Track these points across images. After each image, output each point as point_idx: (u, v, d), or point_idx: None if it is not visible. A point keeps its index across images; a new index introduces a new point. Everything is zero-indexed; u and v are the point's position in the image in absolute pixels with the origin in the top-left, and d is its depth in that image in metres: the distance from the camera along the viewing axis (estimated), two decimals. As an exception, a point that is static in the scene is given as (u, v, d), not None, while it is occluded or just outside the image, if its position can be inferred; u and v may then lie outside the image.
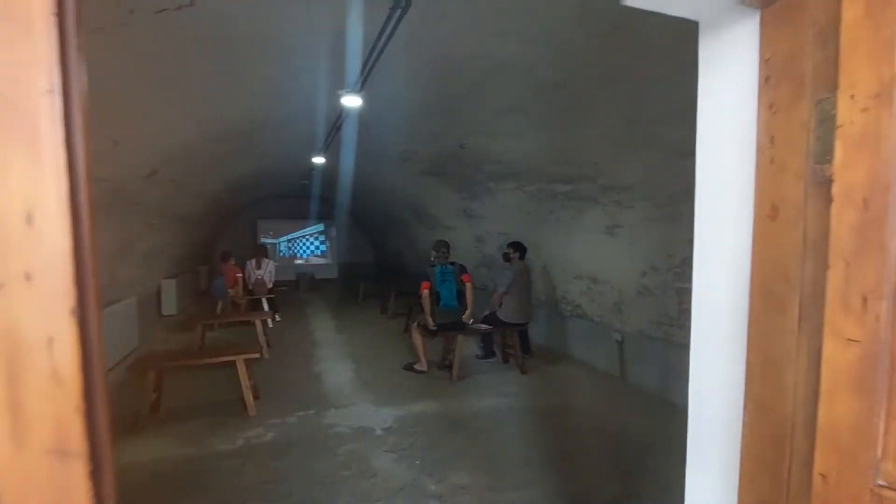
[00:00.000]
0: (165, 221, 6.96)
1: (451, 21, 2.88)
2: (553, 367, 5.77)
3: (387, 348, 6.57)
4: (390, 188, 8.65)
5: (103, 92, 2.75)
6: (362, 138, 5.69)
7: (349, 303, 10.81)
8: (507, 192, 5.73)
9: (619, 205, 4.44)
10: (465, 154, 5.40)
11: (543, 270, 6.30)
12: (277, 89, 3.90)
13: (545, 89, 3.51)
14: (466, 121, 4.50)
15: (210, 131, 4.51)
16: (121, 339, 5.85)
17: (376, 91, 4.09)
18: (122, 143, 3.64)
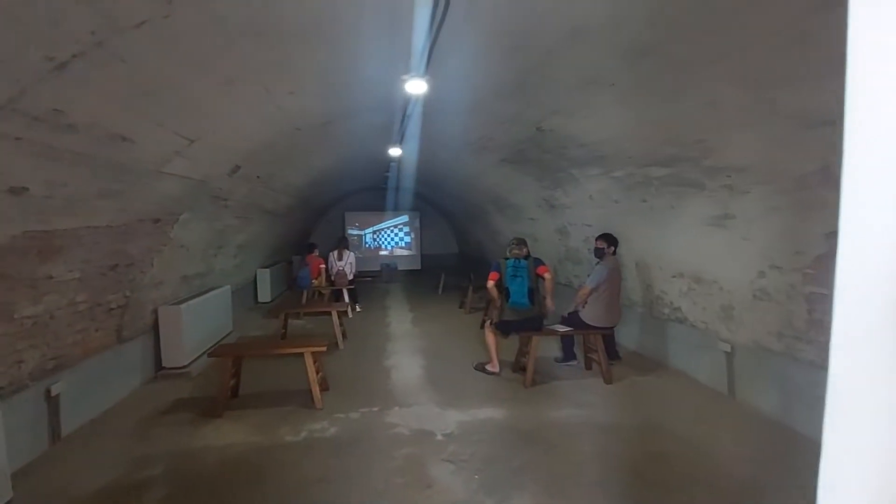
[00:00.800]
0: (256, 215, 7.38)
1: (515, -21, 2.46)
2: (644, 376, 5.09)
3: (460, 345, 6.33)
4: (469, 178, 8.36)
5: (165, 89, 2.79)
6: (435, 126, 5.45)
7: (429, 295, 10.78)
8: (593, 178, 5.12)
9: (730, 190, 3.67)
10: (544, 138, 4.90)
11: (636, 267, 5.58)
12: (337, 79, 3.77)
13: (634, 53, 2.93)
14: (542, 99, 4.02)
15: (279, 127, 4.56)
16: (217, 324, 6.32)
17: (442, 73, 3.78)
18: (198, 143, 3.77)
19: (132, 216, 3.88)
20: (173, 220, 4.71)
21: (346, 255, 8.54)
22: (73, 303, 3.70)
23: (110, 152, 2.97)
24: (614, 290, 5.08)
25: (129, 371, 4.76)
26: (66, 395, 3.78)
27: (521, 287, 4.85)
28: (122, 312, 4.51)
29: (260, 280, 9.27)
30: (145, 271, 4.67)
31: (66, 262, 3.37)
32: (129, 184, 3.47)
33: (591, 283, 5.01)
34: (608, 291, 5.03)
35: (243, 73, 3.11)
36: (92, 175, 3.02)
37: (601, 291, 5.02)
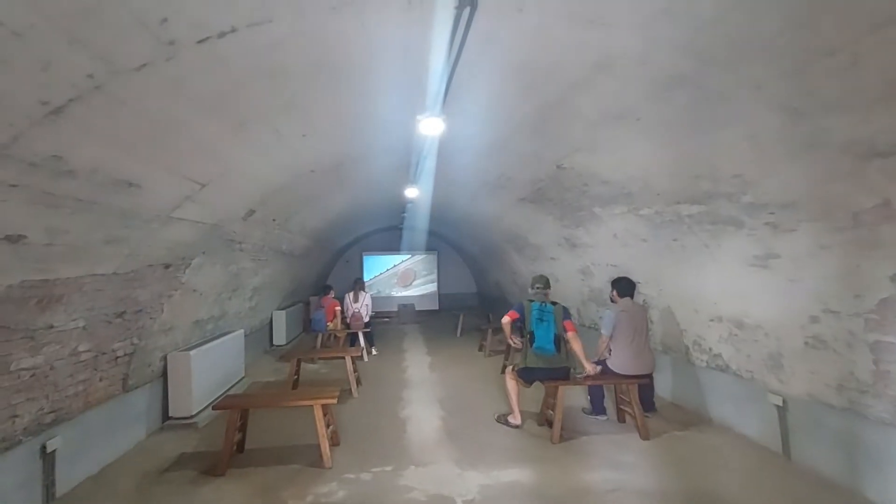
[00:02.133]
0: (272, 257, 7.30)
1: (532, 13, 2.33)
2: (684, 431, 4.61)
3: (480, 393, 5.94)
4: (487, 218, 8.19)
5: (171, 134, 2.70)
6: (451, 166, 5.33)
7: (447, 337, 10.43)
8: (618, 217, 4.86)
9: (774, 228, 3.36)
10: (565, 176, 4.71)
11: (668, 310, 5.20)
12: (349, 121, 3.70)
13: (663, 85, 2.75)
14: (563, 136, 3.86)
15: (293, 170, 4.51)
16: (228, 370, 6.11)
17: (458, 111, 3.67)
18: (210, 187, 3.69)
19: (141, 262, 3.77)
20: (185, 265, 4.61)
21: (361, 296, 8.35)
22: (76, 352, 3.55)
23: (115, 198, 2.88)
24: (640, 335, 4.71)
25: (133, 422, 4.54)
26: (64, 451, 3.56)
27: (548, 333, 4.50)
28: (129, 360, 4.34)
29: (276, 322, 9.11)
30: (155, 317, 4.54)
31: (68, 310, 3.24)
32: (136, 230, 3.38)
33: (604, 329, 4.76)
34: (632, 337, 4.67)
35: (253, 116, 3.03)
36: (96, 222, 2.92)
37: (624, 337, 4.66)
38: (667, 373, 5.51)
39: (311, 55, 2.58)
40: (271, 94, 2.84)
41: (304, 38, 2.40)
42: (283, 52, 2.44)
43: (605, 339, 4.73)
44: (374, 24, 2.41)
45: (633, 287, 4.92)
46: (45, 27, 1.66)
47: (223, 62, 2.29)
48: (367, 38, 2.53)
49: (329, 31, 2.41)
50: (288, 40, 2.36)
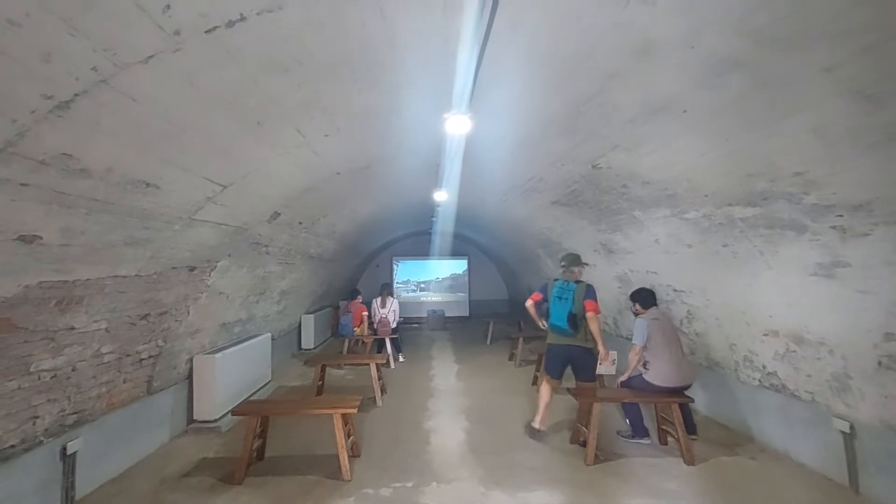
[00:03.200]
0: (300, 261, 7.29)
1: (565, -8, 2.10)
2: (734, 456, 4.19)
3: (508, 405, 5.66)
4: (518, 222, 7.91)
5: (186, 132, 2.62)
6: (479, 168, 5.12)
7: (477, 344, 10.17)
8: (660, 221, 4.51)
9: (843, 233, 2.96)
10: (602, 176, 4.40)
11: (715, 323, 4.78)
12: (373, 120, 3.55)
13: (713, 70, 2.45)
14: (598, 133, 3.58)
15: (317, 172, 4.41)
16: (254, 373, 6.09)
17: (486, 108, 3.47)
18: (232, 189, 3.63)
19: (164, 265, 3.75)
20: (210, 268, 4.59)
21: (389, 301, 8.22)
22: (98, 354, 3.54)
23: (133, 199, 2.82)
24: (675, 344, 4.35)
25: (158, 424, 4.53)
26: (85, 453, 3.55)
27: (563, 311, 4.37)
28: (154, 363, 4.34)
29: (304, 326, 9.12)
30: (180, 320, 4.53)
31: (90, 312, 3.22)
32: (158, 231, 3.34)
33: (637, 339, 4.40)
34: (669, 346, 4.32)
35: (271, 114, 2.92)
36: (115, 223, 2.88)
37: (661, 347, 4.31)
38: (711, 390, 5.07)
39: (328, 48, 2.43)
40: (288, 90, 2.72)
41: (321, 30, 2.26)
42: (298, 43, 2.30)
43: (639, 348, 4.37)
44: (394, 14, 2.25)
45: (654, 297, 4.62)
46: (43, 15, 1.57)
47: (234, 54, 2.18)
48: (387, 29, 2.37)
49: (347, 22, 2.26)
50: (303, 31, 2.22)
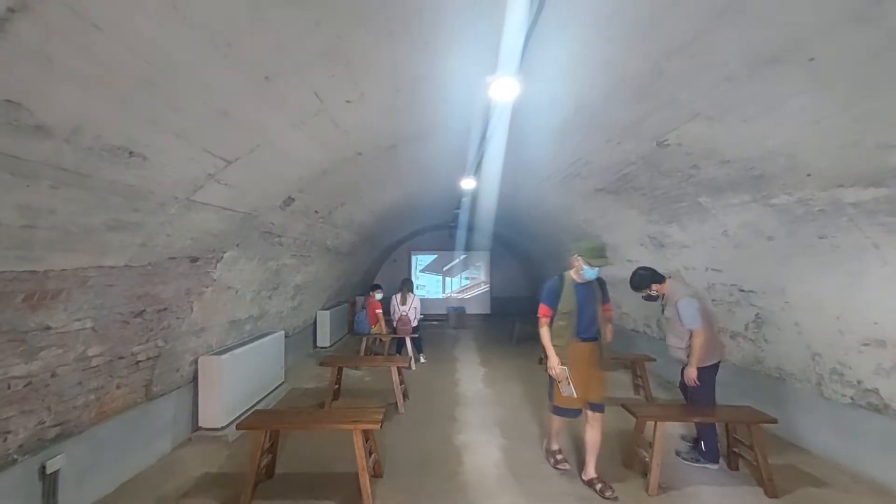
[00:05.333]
0: (316, 254, 6.77)
1: None
2: (822, 487, 3.53)
3: (547, 418, 5.04)
4: (552, 213, 7.26)
5: (173, 79, 2.07)
6: (520, 148, 4.51)
7: (502, 345, 9.57)
8: (734, 208, 3.84)
9: None
10: (667, 156, 3.75)
11: (794, 328, 4.10)
12: (404, 84, 2.97)
13: (858, 6, 1.80)
14: (678, 98, 2.93)
15: (336, 150, 3.85)
16: (265, 375, 5.59)
17: (540, 69, 2.86)
18: (237, 165, 3.09)
19: (160, 254, 3.23)
20: (216, 259, 4.08)
21: (409, 298, 7.66)
22: (84, 357, 3.04)
23: (114, 171, 2.29)
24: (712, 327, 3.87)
25: (158, 433, 4.05)
26: (70, 471, 3.07)
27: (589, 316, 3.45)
28: (154, 365, 3.85)
29: (320, 323, 8.63)
30: (183, 317, 4.03)
31: (70, 309, 2.72)
32: (150, 214, 2.81)
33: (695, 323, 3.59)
34: (708, 316, 3.79)
35: (282, 67, 2.36)
36: (95, 201, 2.36)
37: (708, 323, 3.75)
38: (784, 407, 4.38)
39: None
40: (303, 33, 2.15)
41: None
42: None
43: (702, 332, 3.62)
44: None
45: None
46: None
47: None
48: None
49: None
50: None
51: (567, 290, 3.44)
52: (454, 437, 4.55)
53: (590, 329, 3.45)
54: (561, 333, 3.43)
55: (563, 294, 3.44)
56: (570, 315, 3.40)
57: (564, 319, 3.42)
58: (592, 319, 3.45)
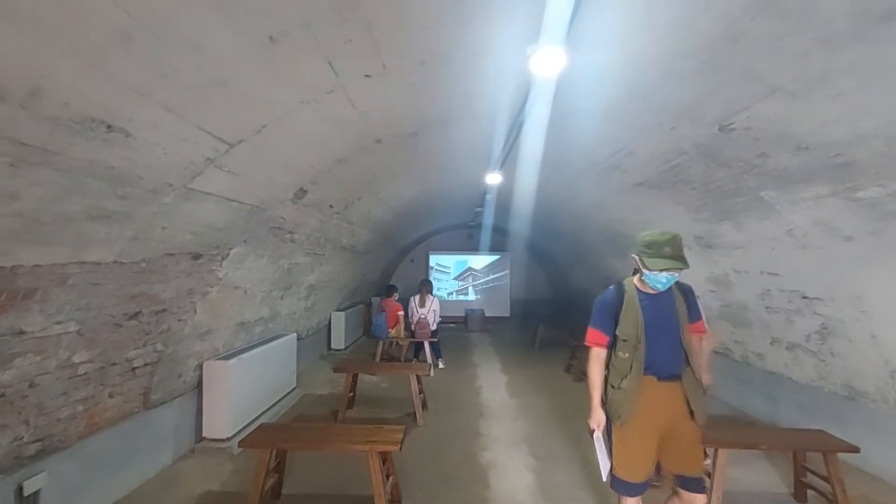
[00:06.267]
0: (331, 252, 6.42)
1: None
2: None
3: (579, 434, 4.59)
4: (583, 210, 6.78)
5: (157, 32, 1.70)
6: (557, 136, 4.07)
7: (523, 350, 9.10)
8: (807, 203, 3.34)
9: None
10: (730, 143, 3.27)
11: (869, 340, 3.57)
12: (430, 55, 2.56)
13: None
14: (755, 69, 2.46)
15: (353, 136, 3.47)
16: (276, 381, 5.25)
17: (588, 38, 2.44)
18: (241, 148, 2.72)
19: (154, 249, 2.89)
20: (221, 256, 3.74)
21: (429, 300, 7.26)
22: (69, 364, 2.71)
23: (91, 149, 1.94)
24: None
25: (158, 444, 3.73)
26: (53, 490, 2.75)
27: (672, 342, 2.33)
28: (153, 371, 3.52)
29: (334, 325, 8.29)
30: (185, 319, 3.70)
31: (47, 311, 2.38)
32: (139, 203, 2.46)
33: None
34: None
35: (291, 23, 1.97)
36: (69, 185, 2.00)
37: None
38: (853, 429, 3.83)
39: None
40: None
41: None
42: None
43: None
44: None
45: None
46: None
47: None
48: None
49: None
50: None
51: (629, 305, 2.35)
52: (479, 454, 4.12)
53: (670, 363, 2.31)
54: (623, 370, 2.32)
55: (623, 311, 2.36)
56: (634, 342, 2.30)
57: (627, 349, 2.31)
58: (673, 348, 2.31)
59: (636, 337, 2.30)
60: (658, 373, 2.30)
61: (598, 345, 2.44)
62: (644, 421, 2.31)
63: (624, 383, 2.30)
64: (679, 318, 2.34)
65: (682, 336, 2.32)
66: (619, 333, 2.35)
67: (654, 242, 2.25)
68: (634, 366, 2.29)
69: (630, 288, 2.40)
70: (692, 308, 2.42)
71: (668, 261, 2.20)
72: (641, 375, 2.29)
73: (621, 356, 2.34)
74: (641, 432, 2.32)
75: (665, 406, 2.31)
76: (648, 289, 2.34)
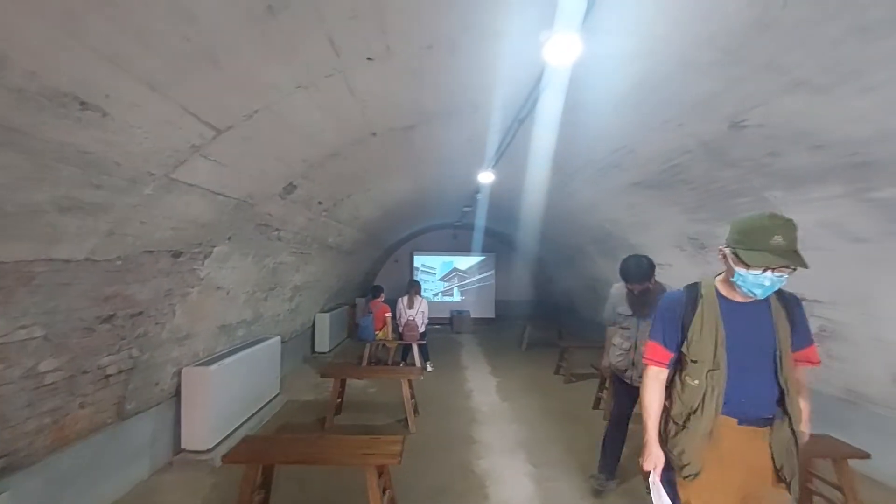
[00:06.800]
0: (317, 252, 6.17)
1: None
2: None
3: (575, 438, 4.46)
4: (574, 211, 6.70)
5: None
6: (555, 134, 3.94)
7: (511, 352, 8.99)
8: (817, 203, 3.29)
9: None
10: (739, 140, 3.20)
11: (874, 345, 3.56)
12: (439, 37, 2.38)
13: None
14: (778, 61, 2.37)
15: (349, 127, 3.27)
16: (259, 388, 4.97)
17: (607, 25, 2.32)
18: (230, 136, 2.49)
19: (132, 246, 2.63)
20: (204, 254, 3.48)
21: (417, 301, 7.07)
22: (34, 373, 2.43)
23: (62, 129, 1.70)
24: None
25: (133, 457, 3.44)
26: (14, 514, 2.47)
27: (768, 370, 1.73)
28: (127, 379, 3.24)
29: (318, 327, 8.01)
30: (163, 322, 3.43)
31: (10, 313, 2.11)
32: (116, 193, 2.21)
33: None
34: None
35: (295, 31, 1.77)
36: (34, 170, 1.76)
37: None
38: (858, 433, 3.81)
39: None
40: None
41: None
42: None
43: None
44: None
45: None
46: None
47: None
48: None
49: None
50: None
51: (707, 315, 1.76)
52: (475, 463, 3.96)
53: (759, 402, 1.73)
54: (690, 403, 1.76)
55: (696, 322, 1.77)
56: (709, 367, 1.73)
57: (698, 375, 1.75)
58: (765, 381, 1.72)
59: (713, 360, 1.71)
60: (741, 414, 1.71)
61: (658, 363, 1.87)
62: (717, 479, 1.72)
63: (691, 422, 1.74)
64: (779, 339, 1.70)
65: (780, 366, 1.69)
66: (689, 353, 1.77)
67: (758, 229, 1.61)
68: (708, 400, 1.71)
69: (709, 292, 1.79)
70: (799, 327, 1.77)
71: (775, 257, 1.55)
72: (716, 414, 1.71)
73: (689, 383, 1.77)
74: (712, 491, 1.73)
75: (744, 461, 1.72)
76: (737, 295, 1.73)
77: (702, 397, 1.73)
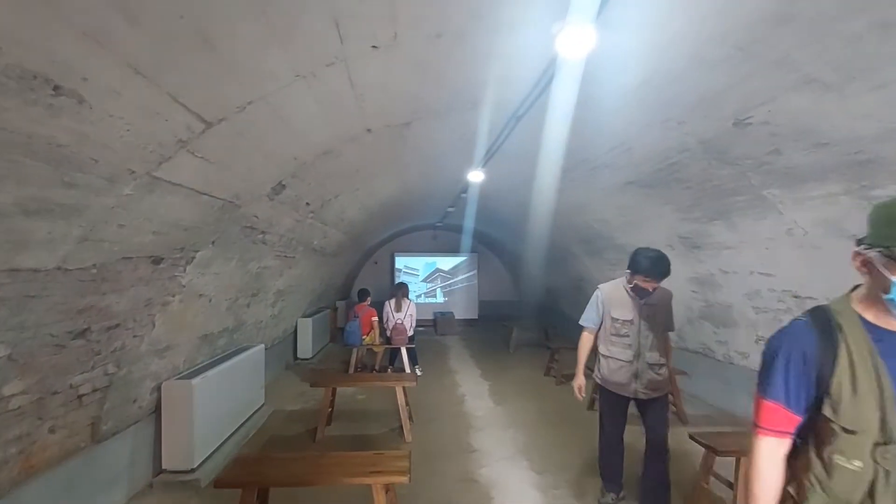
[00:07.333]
0: (301, 255, 5.92)
1: None
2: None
3: (575, 442, 4.38)
4: (562, 211, 6.64)
5: None
6: (554, 130, 3.84)
7: (498, 353, 8.91)
8: (812, 202, 3.29)
9: None
10: (741, 138, 3.17)
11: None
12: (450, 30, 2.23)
13: None
14: (791, 57, 2.32)
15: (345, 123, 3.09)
16: (243, 400, 4.70)
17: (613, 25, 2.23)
18: (220, 130, 2.28)
19: (109, 252, 2.38)
20: (185, 260, 3.22)
21: (405, 304, 6.88)
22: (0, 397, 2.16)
23: (31, 118, 1.47)
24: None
25: (109, 483, 3.15)
26: (-26, 556, 2.19)
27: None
28: (103, 398, 2.96)
29: (301, 332, 7.73)
30: (141, 335, 3.15)
31: (-33, 331, 1.85)
32: (92, 193, 1.97)
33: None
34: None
35: None
36: (0, 165, 1.52)
37: None
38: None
39: None
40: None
41: None
42: None
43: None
44: None
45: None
46: None
47: None
48: None
49: None
50: None
51: (858, 358, 1.11)
52: (477, 473, 3.82)
53: None
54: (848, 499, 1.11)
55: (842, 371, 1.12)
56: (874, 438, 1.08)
57: (858, 452, 1.10)
58: None
59: (880, 430, 1.08)
60: None
61: (778, 433, 1.19)
62: None
63: None
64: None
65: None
66: (838, 418, 1.12)
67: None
68: (881, 493, 1.07)
69: (850, 321, 1.16)
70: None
71: None
72: None
73: (843, 465, 1.12)
74: None
75: None
76: (892, 321, 1.12)
77: (868, 488, 1.09)
